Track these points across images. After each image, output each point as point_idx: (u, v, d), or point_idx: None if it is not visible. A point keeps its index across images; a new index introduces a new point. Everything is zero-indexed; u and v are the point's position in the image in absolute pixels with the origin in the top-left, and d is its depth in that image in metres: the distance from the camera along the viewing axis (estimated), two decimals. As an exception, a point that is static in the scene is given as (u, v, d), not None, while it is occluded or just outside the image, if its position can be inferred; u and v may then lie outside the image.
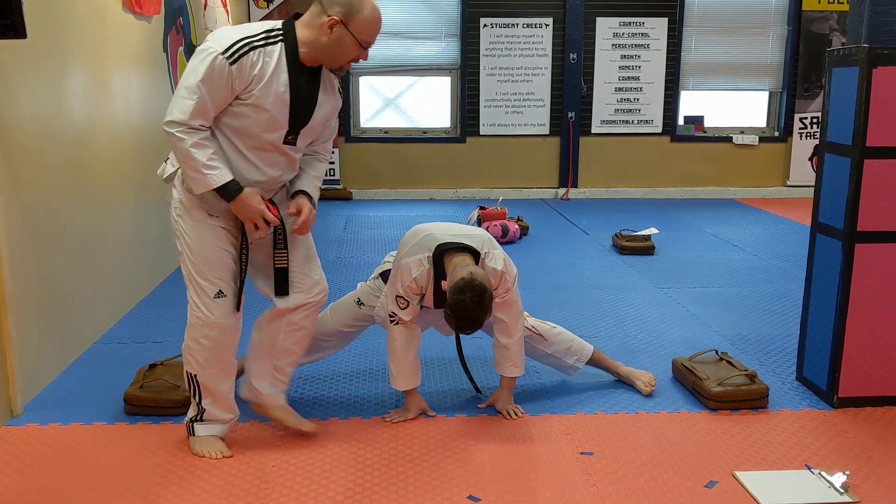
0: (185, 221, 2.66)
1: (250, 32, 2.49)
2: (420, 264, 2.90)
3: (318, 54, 2.53)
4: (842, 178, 3.12)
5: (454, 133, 8.77)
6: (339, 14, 2.47)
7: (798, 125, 8.78)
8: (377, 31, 2.55)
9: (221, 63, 2.42)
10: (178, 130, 2.46)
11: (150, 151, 4.98)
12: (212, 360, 2.72)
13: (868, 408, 3.19)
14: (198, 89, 2.43)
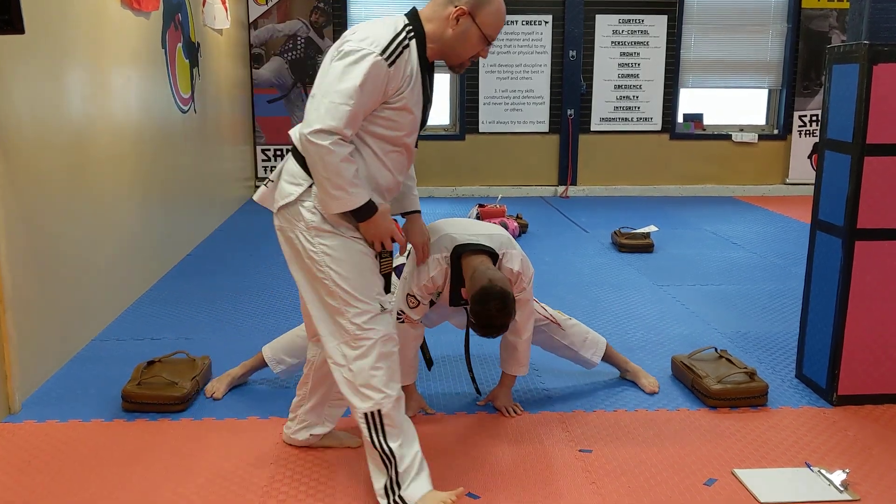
0: (329, 241, 2.33)
1: (395, 29, 2.29)
2: (437, 264, 2.84)
3: (442, 49, 2.36)
4: (842, 176, 3.12)
5: (453, 130, 8.76)
6: (466, 4, 2.31)
7: (797, 123, 8.78)
8: (502, 25, 2.38)
9: (381, 65, 2.21)
10: (331, 142, 2.19)
11: (149, 148, 4.97)
12: (393, 376, 2.40)
13: (868, 405, 3.18)
14: (356, 94, 2.19)
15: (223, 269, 5.39)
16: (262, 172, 8.65)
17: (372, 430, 2.36)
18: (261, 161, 8.64)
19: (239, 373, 3.36)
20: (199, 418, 3.07)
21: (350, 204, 2.27)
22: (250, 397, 3.27)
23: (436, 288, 2.90)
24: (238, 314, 4.39)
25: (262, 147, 8.62)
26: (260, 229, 6.78)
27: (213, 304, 4.57)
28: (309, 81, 8.47)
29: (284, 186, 2.37)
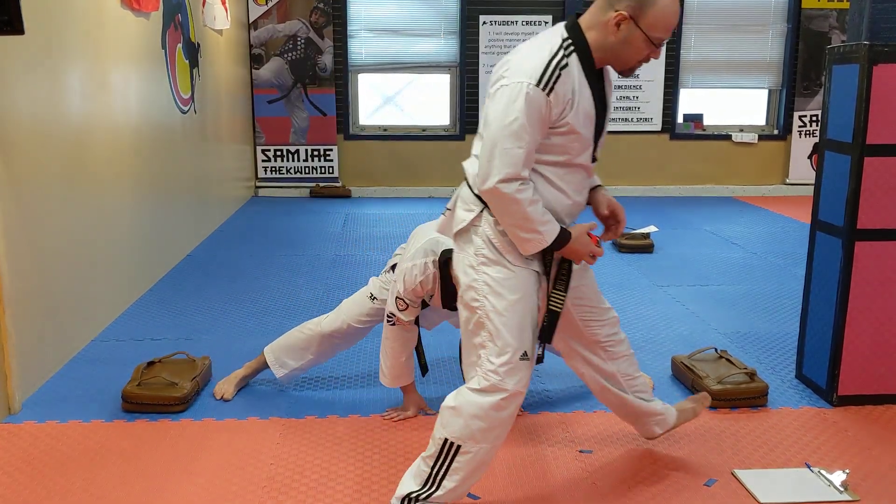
0: (495, 272, 2.23)
1: (550, 50, 2.17)
2: (426, 268, 2.85)
3: (607, 57, 2.22)
4: (842, 176, 3.12)
5: (453, 131, 8.76)
6: (627, 8, 2.14)
7: (797, 123, 8.77)
8: (673, 24, 2.18)
9: (538, 96, 2.10)
10: (514, 189, 2.12)
11: (148, 148, 4.97)
12: (490, 433, 2.27)
13: (868, 406, 3.18)
14: (523, 133, 2.11)
15: (223, 269, 5.40)
16: (262, 173, 8.65)
17: (440, 457, 2.26)
18: (261, 161, 8.63)
19: (244, 373, 3.36)
20: (199, 419, 3.07)
21: (544, 242, 2.20)
22: (250, 398, 3.27)
23: (425, 292, 2.91)
24: (238, 314, 4.39)
25: (262, 147, 8.61)
26: (260, 230, 6.78)
27: (213, 304, 4.57)
28: (309, 82, 8.47)
29: (459, 213, 2.32)
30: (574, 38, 2.19)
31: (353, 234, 6.66)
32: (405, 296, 2.90)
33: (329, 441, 2.89)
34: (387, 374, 3.05)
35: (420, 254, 2.88)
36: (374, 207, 7.98)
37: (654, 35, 2.17)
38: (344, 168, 8.72)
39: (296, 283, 5.05)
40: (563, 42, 2.18)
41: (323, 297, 4.71)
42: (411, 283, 2.86)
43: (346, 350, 3.47)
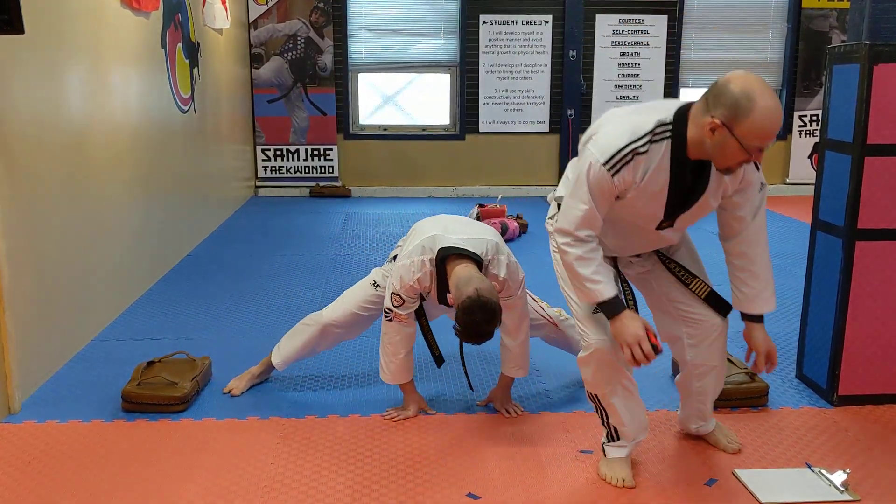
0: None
1: (635, 133, 2.26)
2: (423, 265, 2.86)
3: (704, 153, 2.26)
4: (842, 176, 3.11)
5: (453, 130, 8.76)
6: (721, 116, 2.15)
7: (797, 123, 8.78)
8: (771, 134, 2.16)
9: (604, 176, 2.25)
10: (565, 242, 2.35)
11: (148, 148, 4.97)
12: (601, 380, 2.53)
13: (868, 406, 3.18)
14: (587, 200, 2.28)
15: (223, 269, 5.39)
16: (262, 172, 8.65)
17: (595, 407, 2.63)
18: (261, 161, 8.63)
19: (258, 371, 3.39)
20: (199, 418, 3.07)
21: (591, 297, 2.38)
22: (250, 397, 3.27)
23: (422, 289, 2.91)
24: (238, 314, 4.39)
25: (262, 147, 8.61)
26: (260, 230, 6.78)
27: (213, 304, 4.57)
28: (309, 81, 8.47)
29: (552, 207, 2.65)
30: (674, 127, 2.26)
31: (353, 234, 6.66)
32: (401, 292, 2.90)
33: (329, 441, 2.89)
34: (386, 371, 3.05)
35: (417, 251, 2.88)
36: (374, 207, 7.98)
37: (749, 144, 2.16)
38: (344, 168, 8.71)
39: (296, 282, 5.05)
40: (657, 127, 2.27)
41: (323, 297, 4.70)
42: (408, 280, 2.86)
43: (349, 342, 3.50)
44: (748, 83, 2.16)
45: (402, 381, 3.07)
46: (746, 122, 2.13)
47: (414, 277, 2.85)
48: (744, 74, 2.21)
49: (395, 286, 2.91)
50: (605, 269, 2.38)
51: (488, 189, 8.62)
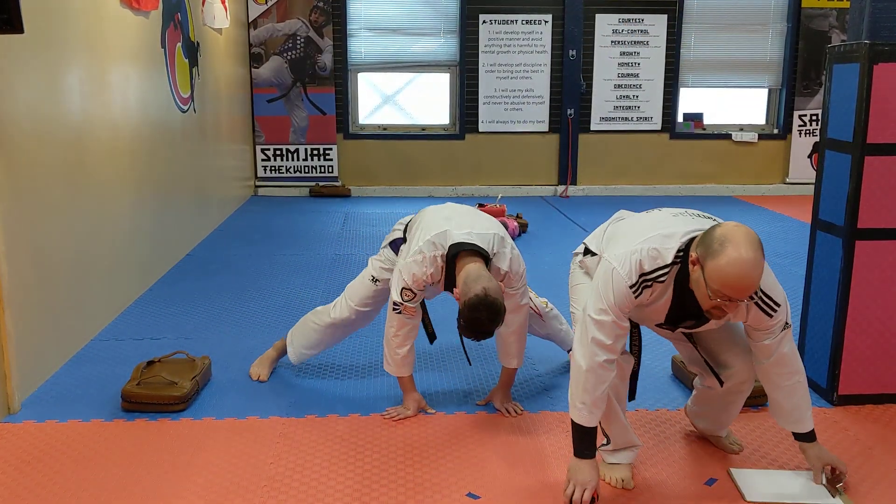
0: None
1: (661, 259, 2.30)
2: (434, 261, 2.89)
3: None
4: (842, 175, 3.11)
5: (453, 130, 8.75)
6: (698, 251, 2.20)
7: (797, 122, 8.77)
8: (735, 285, 2.11)
9: (627, 293, 2.32)
10: (596, 353, 2.36)
11: (147, 148, 4.97)
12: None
13: (868, 405, 3.18)
14: (611, 309, 2.34)
15: (222, 268, 5.39)
16: (262, 172, 8.65)
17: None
18: (260, 161, 8.63)
19: (274, 354, 3.50)
20: (199, 418, 3.07)
21: (575, 417, 2.41)
22: (250, 397, 3.27)
23: (432, 281, 2.94)
24: (238, 314, 4.39)
25: (262, 146, 8.61)
26: (259, 229, 6.78)
27: (212, 303, 4.56)
28: (309, 81, 8.47)
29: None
30: (684, 254, 2.29)
31: (353, 234, 6.66)
32: (413, 287, 2.92)
33: (329, 440, 2.89)
34: (391, 362, 3.07)
35: (429, 247, 2.89)
36: (373, 207, 7.98)
37: (712, 288, 2.15)
38: (343, 167, 8.71)
39: (295, 282, 5.05)
40: (677, 255, 2.30)
41: (323, 297, 4.70)
42: (420, 276, 2.89)
43: (350, 341, 3.57)
44: (731, 230, 2.16)
45: (404, 373, 3.09)
46: (713, 263, 2.13)
47: (427, 273, 2.89)
48: (735, 224, 2.20)
49: (406, 281, 2.92)
50: (604, 401, 2.41)
51: (488, 189, 8.62)
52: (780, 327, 2.40)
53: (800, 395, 2.48)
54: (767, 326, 2.39)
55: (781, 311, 2.37)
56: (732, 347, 2.62)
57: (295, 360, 3.47)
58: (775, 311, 2.35)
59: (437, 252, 2.88)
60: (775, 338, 2.40)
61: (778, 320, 2.38)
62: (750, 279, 2.12)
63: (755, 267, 2.11)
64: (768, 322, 2.37)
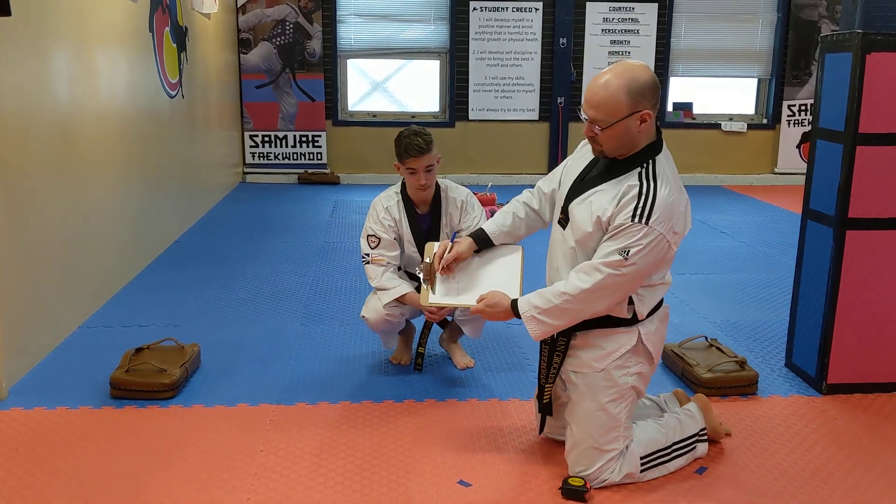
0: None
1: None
2: (389, 197, 3.24)
3: None
4: (834, 165, 3.11)
5: (443, 117, 8.72)
6: None
7: (786, 112, 8.79)
8: (585, 92, 2.38)
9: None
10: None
11: (135, 133, 4.92)
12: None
13: (857, 394, 3.19)
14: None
15: (211, 256, 5.36)
16: (250, 159, 8.59)
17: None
18: (249, 147, 8.57)
19: (403, 333, 3.49)
20: (189, 405, 3.05)
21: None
22: (240, 384, 3.25)
23: (392, 219, 3.19)
24: (227, 301, 4.36)
25: (251, 133, 8.55)
26: (248, 217, 6.74)
27: (201, 291, 4.54)
28: (298, 67, 8.41)
29: None
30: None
31: (343, 222, 6.63)
32: (376, 229, 3.16)
33: (320, 428, 2.87)
34: (389, 291, 3.15)
35: (385, 191, 3.29)
36: (363, 194, 7.94)
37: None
38: (332, 154, 8.67)
39: (285, 270, 5.02)
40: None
41: (312, 285, 4.68)
42: (381, 211, 3.19)
43: (340, 328, 3.63)
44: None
45: (405, 289, 3.15)
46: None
47: (384, 206, 3.20)
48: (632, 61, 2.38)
49: (369, 228, 3.21)
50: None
51: (477, 177, 8.59)
52: (623, 238, 2.28)
53: (548, 292, 2.40)
54: (617, 225, 2.29)
55: (640, 227, 2.27)
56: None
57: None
58: (638, 212, 2.27)
59: (393, 189, 3.27)
60: (607, 249, 2.30)
61: (629, 227, 2.27)
62: (592, 87, 2.31)
63: (603, 83, 2.29)
64: (623, 217, 2.28)
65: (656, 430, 2.61)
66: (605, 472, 2.47)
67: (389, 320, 3.20)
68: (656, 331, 2.51)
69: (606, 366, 2.44)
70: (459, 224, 3.24)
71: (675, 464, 2.59)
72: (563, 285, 2.38)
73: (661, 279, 2.46)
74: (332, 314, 4.14)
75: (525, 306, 2.44)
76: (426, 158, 3.09)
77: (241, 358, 3.53)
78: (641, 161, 2.36)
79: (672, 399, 2.87)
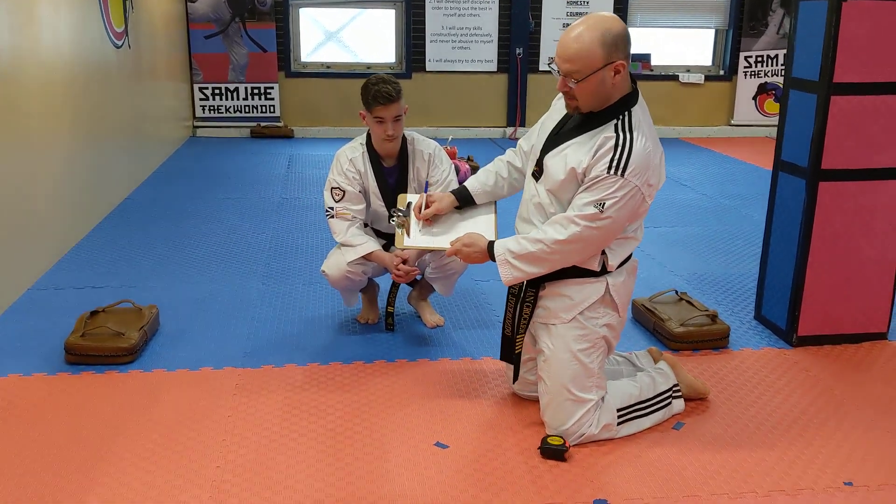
0: None
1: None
2: (354, 148, 3.10)
3: None
4: (807, 116, 3.07)
5: (399, 69, 8.53)
6: None
7: (743, 64, 8.78)
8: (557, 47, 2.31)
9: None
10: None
11: (80, 85, 4.68)
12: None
13: (827, 346, 3.21)
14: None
15: (164, 213, 5.16)
16: (200, 112, 8.31)
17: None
18: (198, 100, 8.28)
19: (366, 289, 3.38)
20: (149, 370, 2.93)
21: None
22: (202, 347, 3.13)
23: (357, 172, 3.06)
24: (183, 260, 4.21)
25: (200, 85, 8.26)
26: (201, 172, 6.53)
27: (156, 249, 4.37)
28: (248, 16, 8.12)
29: None
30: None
31: (299, 176, 6.46)
32: (340, 181, 3.04)
33: (288, 391, 2.78)
34: (355, 248, 3.05)
35: (349, 143, 3.14)
36: (318, 148, 7.76)
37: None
38: (285, 107, 8.45)
39: (242, 226, 4.87)
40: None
41: (271, 241, 4.54)
42: (345, 163, 3.05)
43: (305, 287, 3.51)
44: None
45: (373, 246, 3.06)
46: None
47: (349, 158, 3.07)
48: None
49: (333, 180, 3.07)
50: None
51: (436, 130, 8.44)
52: (599, 190, 2.24)
53: (524, 239, 2.37)
54: (593, 177, 2.25)
55: (615, 179, 2.22)
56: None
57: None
58: (614, 164, 2.23)
59: (357, 142, 3.12)
60: (582, 201, 2.26)
61: (604, 178, 2.23)
62: (565, 40, 2.25)
63: (576, 36, 2.23)
64: (598, 169, 2.24)
65: (630, 385, 2.59)
66: (584, 426, 2.44)
67: (351, 277, 3.09)
68: (624, 282, 2.48)
69: (575, 315, 2.42)
70: (428, 178, 3.14)
71: (651, 419, 2.57)
72: (539, 233, 2.37)
73: (633, 232, 2.42)
74: (294, 273, 4.02)
75: (500, 249, 2.43)
76: (395, 107, 2.97)
77: (202, 319, 3.40)
78: (617, 113, 2.32)
79: (646, 356, 2.84)
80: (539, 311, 2.50)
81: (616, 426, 2.50)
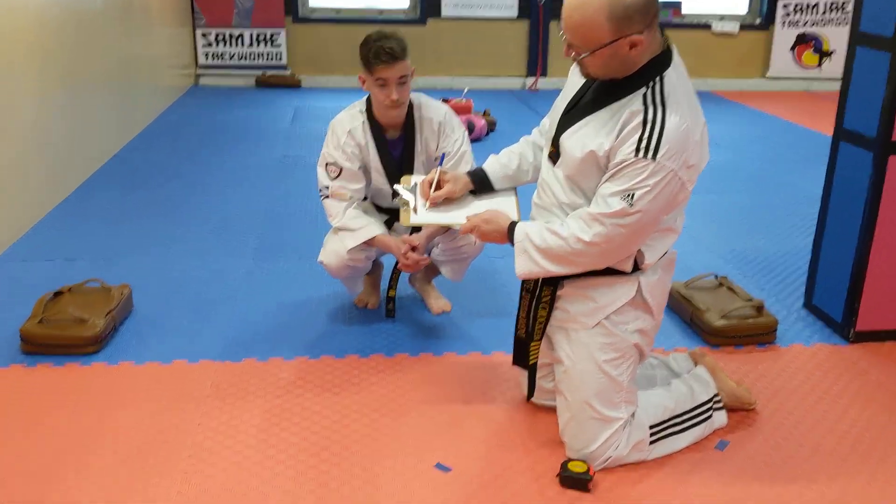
0: None
1: None
2: (353, 117, 2.70)
3: None
4: (878, 78, 2.64)
5: (413, 14, 8.07)
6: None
7: (781, 12, 8.22)
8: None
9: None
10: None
11: (64, 29, 4.28)
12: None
13: (890, 342, 2.81)
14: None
15: (153, 175, 4.78)
16: (203, 59, 7.89)
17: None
18: (201, 46, 7.86)
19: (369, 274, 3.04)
20: (115, 363, 2.60)
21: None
22: (177, 336, 2.79)
23: (357, 145, 2.67)
24: (167, 232, 3.83)
25: (203, 30, 7.83)
26: (199, 126, 6.13)
27: (140, 218, 4.01)
28: (252, -44, 7.64)
29: None
30: None
31: (304, 131, 6.06)
32: (336, 155, 2.66)
33: (270, 393, 2.44)
34: (355, 233, 2.67)
35: (346, 110, 2.75)
36: (326, 99, 7.33)
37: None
38: (293, 54, 8.06)
39: (237, 191, 4.50)
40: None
41: (268, 209, 4.17)
42: (342, 135, 2.67)
43: (295, 273, 3.17)
44: None
45: (374, 231, 2.66)
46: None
47: (346, 129, 2.68)
48: None
49: (328, 154, 2.69)
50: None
51: (451, 80, 7.98)
52: (626, 178, 1.83)
53: (546, 231, 1.97)
54: (619, 161, 1.83)
55: (646, 164, 1.80)
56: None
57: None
58: (643, 145, 1.80)
59: (356, 109, 2.72)
60: (607, 191, 1.86)
61: (632, 163, 1.81)
62: (567, 5, 1.82)
63: (577, 3, 1.80)
64: (625, 152, 1.82)
65: (665, 396, 2.21)
66: (611, 449, 2.07)
67: (353, 265, 2.71)
68: (659, 280, 2.08)
69: (600, 320, 2.03)
70: (437, 152, 2.71)
71: (689, 435, 2.20)
72: (562, 228, 1.95)
73: (672, 223, 2.01)
74: (289, 246, 3.65)
75: (520, 234, 2.03)
76: (399, 67, 2.55)
77: (181, 302, 3.05)
78: (645, 80, 1.86)
79: (685, 359, 2.45)
80: (557, 313, 2.12)
81: (648, 445, 2.13)
